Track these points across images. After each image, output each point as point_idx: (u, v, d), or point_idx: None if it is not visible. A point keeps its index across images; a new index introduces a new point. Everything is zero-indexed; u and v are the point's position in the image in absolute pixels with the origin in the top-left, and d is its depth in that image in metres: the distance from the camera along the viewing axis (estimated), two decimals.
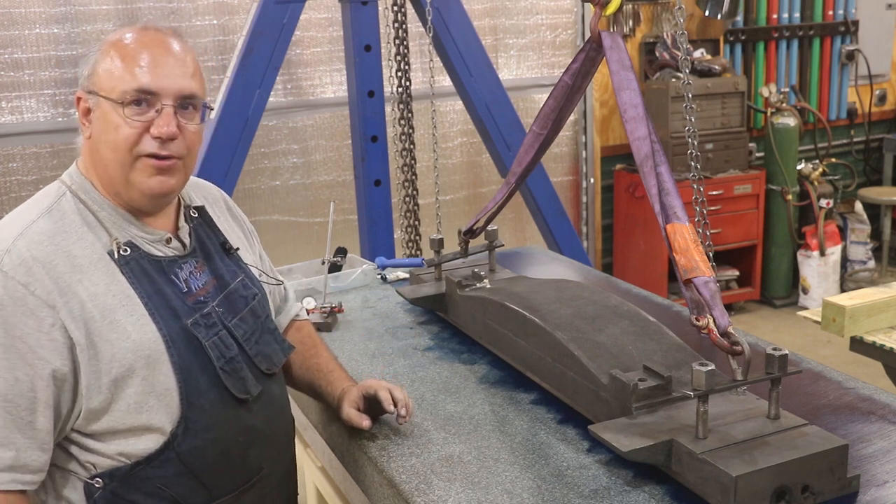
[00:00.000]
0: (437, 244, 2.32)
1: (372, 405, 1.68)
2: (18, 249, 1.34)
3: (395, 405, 1.64)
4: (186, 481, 1.43)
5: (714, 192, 5.16)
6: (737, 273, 5.52)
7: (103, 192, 1.45)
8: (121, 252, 1.41)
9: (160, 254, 1.48)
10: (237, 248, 1.65)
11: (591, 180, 5.45)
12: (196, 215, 1.60)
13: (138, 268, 1.42)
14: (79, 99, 1.44)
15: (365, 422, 1.66)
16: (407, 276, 2.61)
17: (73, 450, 1.41)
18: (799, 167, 5.61)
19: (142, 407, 1.39)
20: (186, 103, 1.45)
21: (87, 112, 1.43)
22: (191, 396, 1.42)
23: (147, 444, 1.40)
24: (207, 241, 1.59)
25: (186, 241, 1.55)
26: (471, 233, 2.30)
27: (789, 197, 5.48)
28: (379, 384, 1.68)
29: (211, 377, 1.45)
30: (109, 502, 1.39)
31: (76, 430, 1.39)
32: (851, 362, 3.36)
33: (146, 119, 1.41)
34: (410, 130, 3.84)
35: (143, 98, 1.40)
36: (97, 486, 1.39)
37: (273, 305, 1.75)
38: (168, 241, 1.51)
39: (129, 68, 1.40)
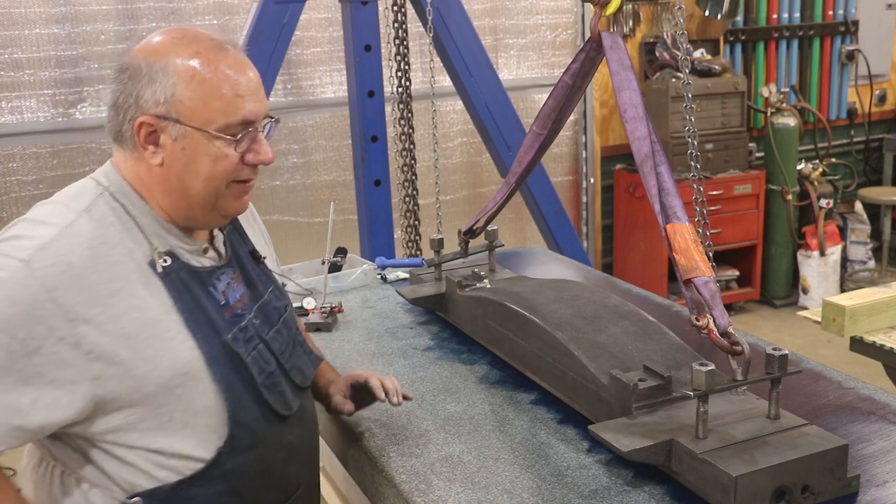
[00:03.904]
0: (437, 244, 2.32)
1: (359, 393, 1.67)
2: (55, 249, 1.25)
3: (387, 394, 1.63)
4: (228, 500, 1.38)
5: (714, 192, 5.16)
6: (737, 273, 5.52)
7: (147, 199, 1.37)
8: (162, 262, 1.33)
9: (198, 265, 1.40)
10: (264, 258, 1.60)
11: (591, 180, 5.45)
12: (228, 222, 1.52)
13: (178, 280, 1.35)
14: (141, 124, 1.32)
15: (347, 406, 1.65)
16: (407, 276, 2.61)
17: (109, 466, 1.34)
18: (799, 167, 5.61)
19: (177, 424, 1.33)
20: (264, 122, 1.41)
21: (156, 138, 1.33)
22: (237, 414, 1.37)
23: (189, 463, 1.35)
24: (240, 250, 1.53)
25: (222, 250, 1.49)
26: (471, 233, 2.30)
27: (789, 197, 5.48)
28: (368, 373, 1.67)
29: (253, 394, 1.40)
30: None
31: (111, 442, 1.32)
32: (851, 362, 3.36)
33: (245, 148, 1.36)
34: (410, 130, 3.84)
35: (245, 129, 1.35)
36: None
37: None
38: (205, 250, 1.44)
39: (229, 99, 1.32)
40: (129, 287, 1.30)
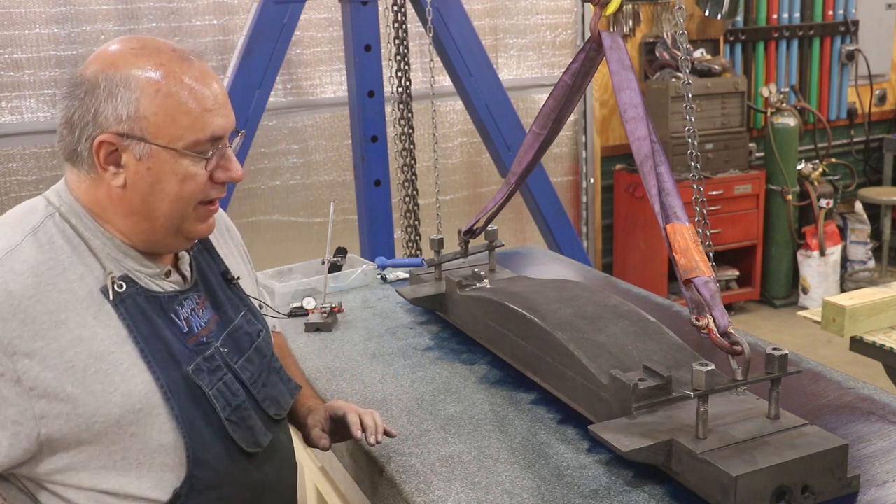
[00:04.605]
0: (437, 244, 2.32)
1: (338, 426, 1.56)
2: None
3: (365, 431, 1.51)
4: None
5: (714, 192, 5.16)
6: (737, 273, 5.52)
7: (103, 221, 1.28)
8: (115, 288, 1.23)
9: (159, 289, 1.31)
10: (238, 278, 1.50)
11: (591, 180, 5.45)
12: (196, 241, 1.43)
13: (135, 307, 1.25)
14: (101, 143, 1.22)
15: (323, 441, 1.53)
16: (407, 276, 2.61)
17: None
18: (799, 167, 5.61)
19: (130, 463, 1.24)
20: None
21: (117, 158, 1.24)
22: (197, 452, 1.26)
23: None
24: (208, 272, 1.44)
25: (187, 272, 1.39)
26: (471, 233, 2.30)
27: (789, 197, 5.48)
28: (349, 406, 1.55)
29: (216, 429, 1.30)
30: None
31: (58, 483, 1.23)
32: (851, 362, 3.36)
33: (215, 166, 1.28)
34: (410, 130, 3.84)
35: (214, 145, 1.27)
36: None
37: None
38: (167, 274, 1.35)
39: (197, 114, 1.24)
40: (77, 317, 1.20)
